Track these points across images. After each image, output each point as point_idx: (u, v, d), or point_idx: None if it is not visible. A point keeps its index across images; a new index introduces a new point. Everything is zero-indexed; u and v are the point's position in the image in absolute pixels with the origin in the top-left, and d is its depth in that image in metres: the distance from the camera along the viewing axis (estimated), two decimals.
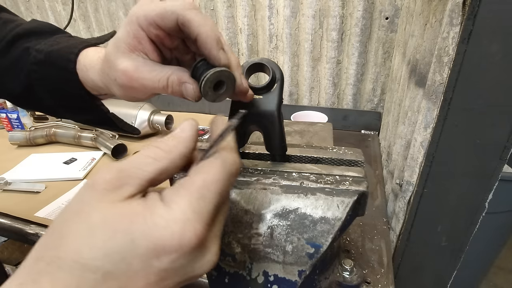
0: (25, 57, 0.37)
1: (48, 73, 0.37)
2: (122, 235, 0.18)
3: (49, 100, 0.39)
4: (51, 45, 0.37)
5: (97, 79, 0.35)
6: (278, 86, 0.33)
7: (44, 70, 0.37)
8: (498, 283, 1.55)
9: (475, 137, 0.40)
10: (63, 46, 0.37)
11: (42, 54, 0.36)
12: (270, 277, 0.31)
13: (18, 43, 0.38)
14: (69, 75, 0.36)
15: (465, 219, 0.47)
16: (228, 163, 0.22)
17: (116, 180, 0.19)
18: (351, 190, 0.32)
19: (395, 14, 0.91)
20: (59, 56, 0.36)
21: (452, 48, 0.38)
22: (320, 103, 1.11)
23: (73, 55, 0.36)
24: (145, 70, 0.29)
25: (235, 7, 1.05)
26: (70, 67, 0.36)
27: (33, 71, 0.37)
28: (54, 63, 0.36)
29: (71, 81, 0.36)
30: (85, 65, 0.36)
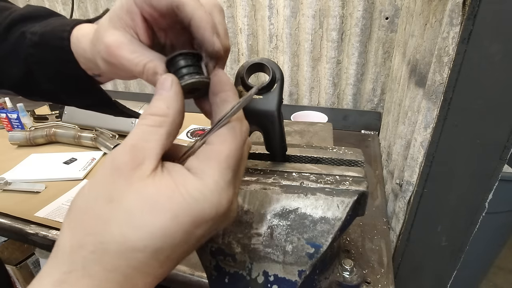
0: (22, 41, 0.36)
1: (44, 55, 0.36)
2: (164, 213, 0.19)
3: (48, 84, 0.38)
4: (44, 26, 0.36)
5: (87, 49, 0.34)
6: (278, 86, 0.33)
7: (40, 53, 0.36)
8: (498, 283, 1.55)
9: (475, 137, 0.40)
10: (56, 25, 0.36)
11: (37, 36, 0.36)
12: (270, 277, 0.31)
13: (14, 29, 0.37)
14: (65, 55, 0.35)
15: (465, 219, 0.47)
16: (244, 131, 0.24)
17: (135, 158, 0.20)
18: (351, 190, 0.32)
19: (395, 14, 0.91)
20: (52, 36, 0.35)
21: (452, 48, 0.38)
22: (320, 103, 1.11)
23: (66, 33, 0.35)
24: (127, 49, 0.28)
25: (235, 7, 1.05)
26: (65, 45, 0.35)
27: (30, 54, 0.36)
28: (49, 44, 0.35)
29: (67, 62, 0.36)
30: (78, 37, 0.35)
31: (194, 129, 1.07)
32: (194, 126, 1.09)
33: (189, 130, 1.07)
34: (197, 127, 1.08)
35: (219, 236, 0.32)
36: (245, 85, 0.34)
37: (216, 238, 0.32)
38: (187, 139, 1.02)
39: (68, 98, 0.41)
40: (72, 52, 0.35)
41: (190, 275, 0.53)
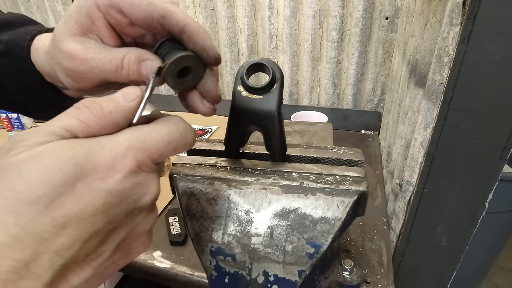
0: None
1: (10, 65, 0.34)
2: (63, 161, 0.17)
3: (18, 96, 0.36)
4: (12, 34, 0.34)
5: (44, 62, 0.32)
6: (278, 86, 0.33)
7: (5, 62, 0.34)
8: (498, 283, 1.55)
9: (475, 137, 0.40)
10: (20, 34, 0.34)
11: (2, 44, 0.34)
12: (270, 277, 0.31)
13: None
14: (26, 65, 0.33)
15: (465, 219, 0.47)
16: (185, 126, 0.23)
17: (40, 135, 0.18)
18: (351, 190, 0.32)
19: (395, 14, 0.91)
20: (14, 45, 0.33)
21: (452, 48, 0.38)
22: (320, 103, 1.11)
23: (25, 42, 0.33)
24: (95, 50, 0.25)
25: (235, 7, 1.05)
26: (25, 55, 0.33)
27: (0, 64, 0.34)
28: (11, 53, 0.33)
29: (29, 73, 0.34)
30: (37, 48, 0.32)
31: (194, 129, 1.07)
32: (194, 126, 1.09)
33: None
34: (197, 127, 1.09)
35: (219, 236, 0.32)
36: (245, 85, 0.34)
37: (216, 237, 0.32)
38: None
39: (36, 111, 0.38)
40: (32, 63, 0.33)
41: (190, 275, 0.53)
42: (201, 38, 0.24)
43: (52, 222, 0.16)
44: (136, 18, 0.24)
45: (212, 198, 0.33)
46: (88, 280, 0.18)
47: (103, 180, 0.18)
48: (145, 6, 0.24)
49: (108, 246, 0.19)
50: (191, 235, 0.33)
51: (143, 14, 0.24)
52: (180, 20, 0.24)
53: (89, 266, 0.18)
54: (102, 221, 0.18)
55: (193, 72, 0.26)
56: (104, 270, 0.19)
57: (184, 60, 0.25)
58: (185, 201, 0.33)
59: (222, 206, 0.33)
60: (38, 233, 0.16)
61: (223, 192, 0.33)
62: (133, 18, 0.25)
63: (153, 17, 0.24)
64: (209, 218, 0.33)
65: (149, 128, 0.21)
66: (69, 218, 0.16)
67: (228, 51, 1.12)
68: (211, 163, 0.37)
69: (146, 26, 0.25)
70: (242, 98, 0.34)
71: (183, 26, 0.24)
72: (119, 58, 0.25)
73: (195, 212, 0.33)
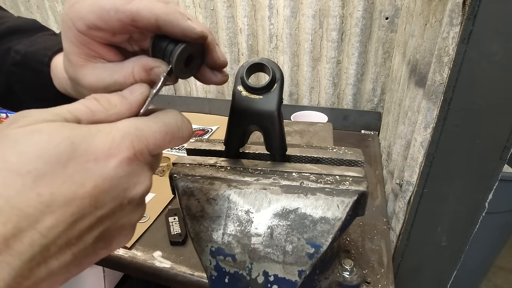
0: (6, 57, 0.36)
1: (25, 75, 0.35)
2: (60, 138, 0.17)
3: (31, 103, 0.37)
4: (29, 46, 0.35)
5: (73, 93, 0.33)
6: (278, 86, 0.33)
7: (21, 72, 0.35)
8: (498, 283, 1.55)
9: (475, 137, 0.40)
10: (40, 47, 0.35)
11: (20, 55, 0.35)
12: (270, 277, 0.31)
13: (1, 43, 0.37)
14: (44, 79, 0.34)
15: (465, 219, 0.47)
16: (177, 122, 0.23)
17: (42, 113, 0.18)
18: (351, 190, 0.32)
19: (395, 14, 0.91)
20: (34, 58, 0.34)
21: (452, 48, 0.38)
22: (320, 103, 1.11)
23: (46, 58, 0.34)
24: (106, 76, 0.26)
25: (235, 7, 1.05)
26: (44, 70, 0.34)
27: (12, 72, 0.36)
28: (29, 65, 0.34)
29: (46, 85, 0.34)
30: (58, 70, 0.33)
31: (194, 129, 1.07)
32: (194, 126, 1.09)
33: None
34: (197, 127, 1.09)
35: (219, 236, 0.32)
36: (245, 85, 0.34)
37: (216, 237, 0.32)
38: None
39: None
40: (51, 78, 0.34)
41: (190, 275, 0.53)
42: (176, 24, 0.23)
43: (38, 198, 0.16)
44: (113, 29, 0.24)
45: (212, 198, 0.33)
46: (67, 265, 0.18)
47: (97, 162, 0.18)
48: (114, 15, 0.23)
49: (91, 233, 0.19)
50: (191, 235, 0.33)
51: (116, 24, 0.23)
52: (149, 16, 0.23)
53: (69, 251, 0.18)
54: (89, 206, 0.17)
55: (195, 57, 0.26)
56: (84, 258, 0.19)
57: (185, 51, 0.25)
58: (185, 201, 0.33)
59: (222, 206, 0.33)
60: (22, 207, 0.15)
61: (223, 192, 0.33)
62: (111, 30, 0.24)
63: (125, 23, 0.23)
64: (209, 218, 0.33)
65: (147, 118, 0.21)
66: (56, 196, 0.16)
67: (228, 51, 1.12)
68: (211, 163, 0.37)
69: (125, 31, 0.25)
70: (242, 98, 0.34)
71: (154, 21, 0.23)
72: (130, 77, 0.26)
73: (195, 212, 0.33)
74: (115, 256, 0.58)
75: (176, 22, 0.23)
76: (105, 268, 0.83)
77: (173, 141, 0.22)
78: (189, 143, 0.42)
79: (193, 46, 0.25)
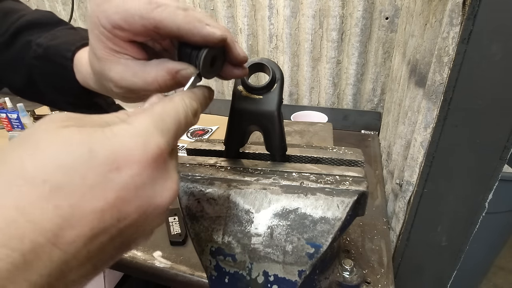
0: (27, 50, 0.36)
1: (47, 69, 0.36)
2: (77, 146, 0.16)
3: (52, 95, 0.38)
4: (50, 39, 0.36)
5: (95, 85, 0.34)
6: (278, 86, 0.33)
7: (43, 65, 0.36)
8: (498, 283, 1.55)
9: (475, 137, 0.40)
10: (62, 41, 0.36)
11: (42, 48, 0.36)
12: (270, 277, 0.31)
13: (21, 36, 0.37)
14: (67, 73, 0.35)
15: (465, 219, 0.47)
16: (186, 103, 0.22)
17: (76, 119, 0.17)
18: (351, 190, 0.32)
19: (395, 14, 0.91)
20: (56, 52, 0.35)
21: (452, 48, 0.38)
22: (320, 103, 1.11)
23: (69, 53, 0.35)
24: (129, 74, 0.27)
25: (235, 7, 1.05)
26: (67, 65, 0.35)
27: (34, 65, 0.36)
28: (52, 59, 0.35)
29: (68, 79, 0.35)
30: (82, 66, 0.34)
31: (194, 129, 1.07)
32: (194, 126, 1.09)
33: (189, 130, 1.07)
34: (197, 127, 1.09)
35: (219, 236, 0.32)
36: (245, 85, 0.34)
37: (216, 237, 0.32)
38: (187, 139, 1.02)
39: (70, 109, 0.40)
40: (74, 72, 0.35)
41: (190, 275, 0.53)
42: (196, 32, 0.25)
43: (55, 210, 0.14)
44: (136, 32, 0.25)
45: (212, 198, 0.33)
46: (86, 275, 0.17)
47: (119, 172, 0.16)
48: (138, 20, 0.24)
49: (113, 244, 0.18)
50: (191, 235, 0.33)
51: (139, 28, 0.25)
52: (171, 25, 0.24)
53: (89, 263, 0.17)
54: (111, 218, 0.16)
55: (218, 58, 0.28)
56: (103, 266, 0.18)
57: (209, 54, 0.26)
58: (185, 201, 0.33)
59: (222, 206, 0.33)
60: (39, 221, 0.14)
61: (223, 192, 0.33)
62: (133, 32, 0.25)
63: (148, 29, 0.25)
64: (209, 218, 0.33)
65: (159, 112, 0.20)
66: (75, 210, 0.15)
67: None
68: (211, 163, 0.37)
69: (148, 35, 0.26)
70: (242, 98, 0.34)
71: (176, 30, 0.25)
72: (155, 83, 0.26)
73: (195, 212, 0.33)
74: None
75: (197, 31, 0.25)
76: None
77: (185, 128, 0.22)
78: (189, 143, 0.42)
79: (215, 48, 0.26)
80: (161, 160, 0.19)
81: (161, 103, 0.21)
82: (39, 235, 0.14)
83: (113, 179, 0.16)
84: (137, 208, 0.18)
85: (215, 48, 0.26)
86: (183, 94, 0.23)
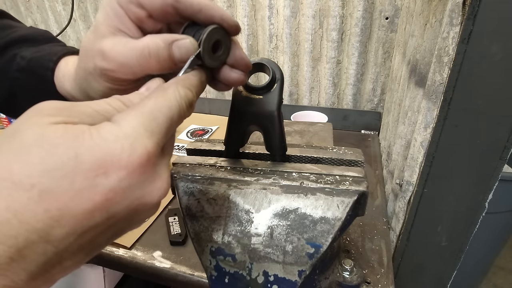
0: (12, 63, 0.35)
1: (28, 81, 0.35)
2: (64, 150, 0.16)
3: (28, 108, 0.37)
4: (35, 52, 0.35)
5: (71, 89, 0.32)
6: (278, 86, 0.33)
7: (25, 78, 0.35)
8: (498, 283, 1.55)
9: (475, 137, 0.40)
10: (46, 53, 0.34)
11: (25, 61, 0.34)
12: (270, 277, 0.31)
13: (8, 50, 0.36)
14: (47, 85, 0.33)
15: (465, 219, 0.47)
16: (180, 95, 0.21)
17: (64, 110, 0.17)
18: (351, 190, 0.32)
19: (395, 14, 0.90)
20: (38, 64, 0.34)
21: (452, 48, 0.38)
22: (320, 103, 1.11)
23: (51, 63, 0.33)
24: (121, 44, 0.25)
25: (235, 7, 1.05)
26: (48, 76, 0.33)
27: (16, 78, 0.35)
28: (33, 71, 0.34)
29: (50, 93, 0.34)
30: (64, 75, 0.33)
31: (194, 129, 1.07)
32: (194, 126, 1.09)
33: (189, 130, 1.07)
34: (197, 127, 1.09)
35: (219, 236, 0.32)
36: (245, 85, 0.34)
37: (216, 237, 0.32)
38: (187, 139, 1.02)
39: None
40: (54, 83, 0.33)
41: (190, 275, 0.53)
42: (216, 11, 0.25)
43: (45, 213, 0.15)
44: (153, 8, 0.25)
45: (212, 198, 0.33)
46: (80, 261, 0.18)
47: (107, 176, 0.17)
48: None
49: (104, 237, 0.19)
50: (191, 235, 0.33)
51: (158, 5, 0.25)
52: (195, 4, 0.24)
53: (82, 252, 0.18)
54: (101, 217, 0.17)
55: (223, 45, 0.26)
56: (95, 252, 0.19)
57: (215, 33, 0.25)
58: (185, 201, 0.33)
59: (222, 206, 0.33)
60: (31, 222, 0.15)
61: (223, 192, 0.33)
62: (149, 8, 0.25)
63: (167, 3, 0.25)
64: (209, 218, 0.33)
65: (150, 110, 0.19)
66: (64, 212, 0.16)
67: None
68: (211, 163, 0.37)
69: (163, 15, 0.26)
70: (242, 98, 0.34)
71: (197, 5, 0.25)
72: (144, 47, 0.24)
73: (195, 212, 0.33)
74: (115, 256, 0.58)
75: (217, 9, 0.25)
76: (105, 268, 0.83)
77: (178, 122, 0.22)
78: (189, 143, 0.42)
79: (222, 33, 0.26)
80: (149, 164, 0.18)
81: (153, 97, 0.20)
82: (31, 233, 0.15)
83: (100, 183, 0.16)
84: (126, 207, 0.18)
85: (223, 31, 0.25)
86: (178, 83, 0.22)
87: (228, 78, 0.28)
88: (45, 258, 0.16)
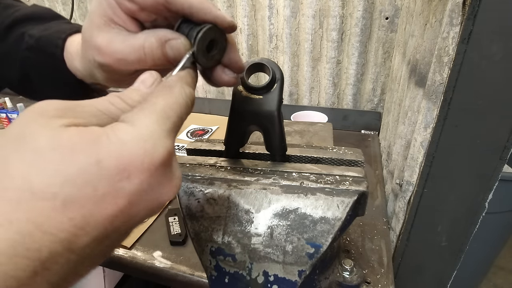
0: (20, 43, 0.35)
1: (39, 60, 0.35)
2: (84, 156, 0.15)
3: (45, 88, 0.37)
4: (43, 30, 0.35)
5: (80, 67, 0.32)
6: (278, 86, 0.33)
7: (35, 57, 0.35)
8: (498, 283, 1.55)
9: (475, 137, 0.40)
10: (54, 31, 0.35)
11: (33, 39, 0.34)
12: (270, 277, 0.31)
13: (15, 29, 0.36)
14: (58, 63, 0.34)
15: (465, 219, 0.47)
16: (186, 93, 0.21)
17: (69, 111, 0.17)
18: (351, 190, 0.32)
19: (395, 14, 0.90)
20: (48, 42, 0.34)
21: (452, 48, 0.38)
22: (320, 103, 1.11)
23: (60, 40, 0.33)
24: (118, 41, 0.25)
25: (235, 7, 1.05)
26: (58, 54, 0.33)
27: (26, 57, 0.35)
28: (43, 49, 0.34)
29: (60, 70, 0.34)
30: (71, 53, 0.33)
31: (194, 129, 1.07)
32: (194, 126, 1.09)
33: (189, 130, 1.07)
34: (197, 127, 1.08)
35: (219, 236, 0.32)
36: (245, 85, 0.34)
37: (216, 237, 0.32)
38: (187, 139, 1.02)
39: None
40: (64, 61, 0.34)
41: (190, 275, 0.53)
42: (208, 11, 0.24)
43: (70, 221, 0.15)
44: (144, 4, 0.25)
45: (212, 198, 0.33)
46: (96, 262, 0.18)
47: (130, 180, 0.16)
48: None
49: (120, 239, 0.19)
50: (191, 235, 0.33)
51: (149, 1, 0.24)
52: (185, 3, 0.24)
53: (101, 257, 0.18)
54: (123, 220, 0.17)
55: (218, 45, 0.26)
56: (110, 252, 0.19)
57: (210, 32, 0.25)
58: (185, 201, 0.33)
59: (222, 206, 0.33)
60: (55, 233, 0.14)
61: (223, 192, 0.33)
62: (141, 4, 0.25)
63: (158, 2, 0.24)
64: (209, 218, 0.33)
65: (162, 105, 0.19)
66: (88, 219, 0.15)
67: None
68: (211, 163, 0.37)
69: (155, 11, 0.26)
70: (242, 98, 0.34)
71: (188, 7, 0.24)
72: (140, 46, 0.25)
73: (195, 212, 0.33)
74: (115, 256, 0.58)
75: (209, 10, 0.24)
76: (105, 268, 0.83)
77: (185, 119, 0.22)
78: (189, 143, 0.42)
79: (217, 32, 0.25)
80: (169, 163, 0.19)
81: (161, 96, 0.20)
82: (56, 244, 0.14)
83: (123, 187, 0.16)
84: (145, 208, 0.18)
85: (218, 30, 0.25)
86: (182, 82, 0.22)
87: (219, 79, 0.28)
88: (67, 268, 0.15)
